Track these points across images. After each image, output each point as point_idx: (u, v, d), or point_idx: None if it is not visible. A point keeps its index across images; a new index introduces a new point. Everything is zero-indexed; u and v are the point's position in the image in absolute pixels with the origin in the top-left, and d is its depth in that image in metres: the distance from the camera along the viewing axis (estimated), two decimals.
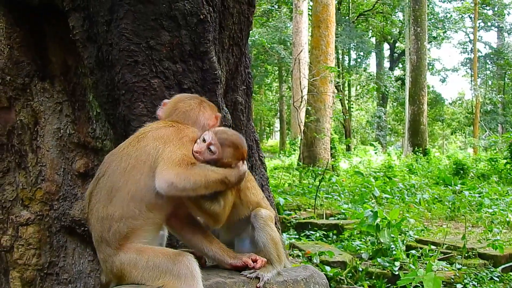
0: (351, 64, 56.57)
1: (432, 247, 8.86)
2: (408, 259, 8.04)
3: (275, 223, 3.70)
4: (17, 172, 4.96)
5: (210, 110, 3.63)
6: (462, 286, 7.06)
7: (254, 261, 3.36)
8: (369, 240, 9.13)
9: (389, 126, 54.81)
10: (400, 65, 57.41)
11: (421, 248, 8.81)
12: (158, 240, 3.35)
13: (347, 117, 38.92)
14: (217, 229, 3.61)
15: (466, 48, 59.50)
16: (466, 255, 8.46)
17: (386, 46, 59.21)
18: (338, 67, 39.30)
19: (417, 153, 30.11)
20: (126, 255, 3.09)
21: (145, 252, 3.09)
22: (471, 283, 7.24)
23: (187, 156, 3.20)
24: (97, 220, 3.18)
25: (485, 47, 58.80)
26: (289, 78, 41.53)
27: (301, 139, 24.53)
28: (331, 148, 25.31)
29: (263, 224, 3.43)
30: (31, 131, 4.92)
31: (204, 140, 3.35)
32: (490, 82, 58.91)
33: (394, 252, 8.15)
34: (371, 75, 55.38)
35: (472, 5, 50.05)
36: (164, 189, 3.07)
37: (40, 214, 4.86)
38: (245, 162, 3.47)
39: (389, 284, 7.22)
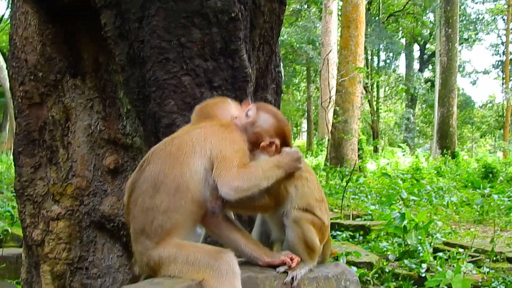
0: (380, 65, 56.30)
1: (460, 250, 8.78)
2: (435, 261, 7.98)
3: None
4: (48, 167, 5.02)
5: (234, 104, 3.59)
6: None
7: (291, 259, 3.33)
8: (396, 241, 9.08)
9: (418, 128, 54.44)
10: (430, 67, 56.96)
11: (448, 250, 8.73)
12: (195, 238, 3.35)
13: (375, 118, 38.76)
14: (269, 226, 3.63)
15: (498, 50, 58.93)
16: (494, 258, 8.37)
17: (416, 47, 58.82)
18: (367, 68, 39.11)
19: (445, 155, 29.80)
20: (165, 250, 3.07)
21: (185, 247, 3.08)
22: (499, 287, 7.16)
23: (240, 153, 3.20)
24: (142, 211, 3.15)
25: None
26: (317, 78, 41.49)
27: (328, 140, 24.49)
28: (359, 149, 25.23)
29: (292, 223, 3.39)
30: (62, 127, 4.97)
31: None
32: None
33: (421, 254, 8.10)
34: (400, 77, 55.04)
35: (505, 6, 49.52)
36: (232, 194, 3.07)
37: (70, 209, 4.91)
38: (291, 147, 3.46)
39: (416, 286, 7.18)
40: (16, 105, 5.09)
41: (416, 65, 58.62)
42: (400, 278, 7.42)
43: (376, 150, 38.17)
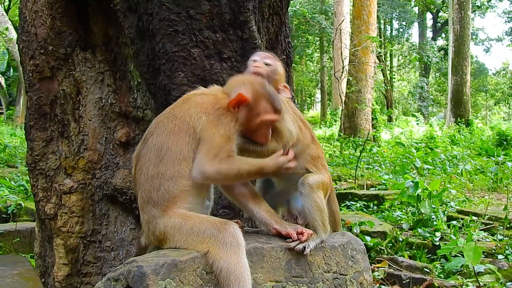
0: (393, 34, 55.92)
1: (474, 218, 8.78)
2: (449, 229, 7.99)
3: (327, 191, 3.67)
4: (60, 141, 5.03)
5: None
6: (503, 257, 6.97)
7: (300, 233, 3.35)
8: (410, 210, 9.10)
9: (432, 96, 54.18)
10: (443, 35, 56.55)
11: (462, 219, 8.74)
12: (203, 210, 3.37)
13: (388, 87, 38.60)
14: (272, 180, 3.72)
15: (511, 17, 58.22)
16: (508, 226, 8.36)
17: (429, 15, 58.40)
18: (380, 37, 38.95)
19: (459, 124, 29.75)
20: (171, 219, 3.13)
21: (190, 218, 3.13)
22: None
23: (223, 140, 3.21)
24: (147, 179, 3.23)
25: None
26: (330, 49, 41.23)
27: (342, 110, 24.41)
28: (372, 119, 25.22)
29: (309, 191, 3.43)
30: (73, 100, 4.97)
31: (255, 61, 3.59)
32: None
33: (435, 223, 8.11)
34: (413, 45, 54.57)
35: None
36: (197, 178, 3.19)
37: (82, 183, 4.93)
38: (288, 153, 3.42)
39: (430, 255, 7.19)
40: (26, 79, 5.09)
41: (429, 34, 58.24)
42: (414, 247, 7.44)
43: (390, 119, 38.08)
